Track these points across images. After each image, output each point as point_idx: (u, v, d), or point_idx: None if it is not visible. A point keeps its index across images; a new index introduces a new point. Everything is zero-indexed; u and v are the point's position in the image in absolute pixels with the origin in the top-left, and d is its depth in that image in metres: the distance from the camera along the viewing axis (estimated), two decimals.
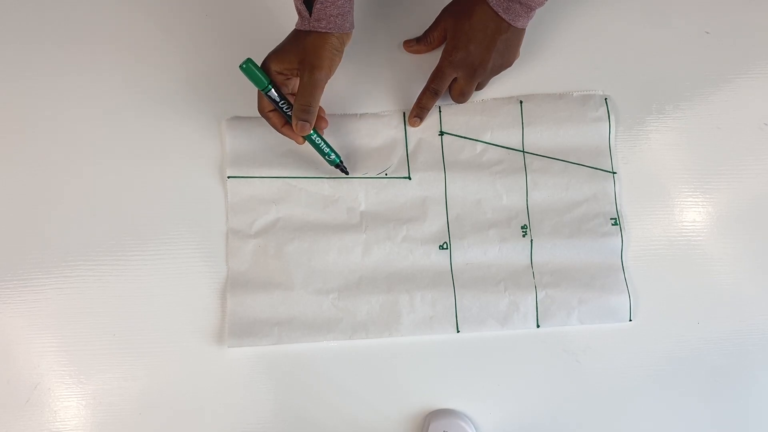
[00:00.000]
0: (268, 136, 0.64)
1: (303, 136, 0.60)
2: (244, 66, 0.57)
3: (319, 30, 0.56)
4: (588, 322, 0.63)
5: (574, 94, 0.67)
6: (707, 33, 0.69)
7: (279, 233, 0.64)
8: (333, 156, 0.62)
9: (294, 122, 0.58)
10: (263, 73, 0.57)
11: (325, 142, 0.62)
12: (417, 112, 0.65)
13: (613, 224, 0.65)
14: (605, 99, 0.67)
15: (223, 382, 0.63)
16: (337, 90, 0.66)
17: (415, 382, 0.63)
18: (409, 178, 0.65)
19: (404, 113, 0.66)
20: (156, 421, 0.62)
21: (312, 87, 0.57)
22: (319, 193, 0.65)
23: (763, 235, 0.66)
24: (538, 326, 0.63)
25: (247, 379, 0.63)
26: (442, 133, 0.66)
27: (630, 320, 0.64)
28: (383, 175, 0.65)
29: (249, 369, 0.63)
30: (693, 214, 0.66)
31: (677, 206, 0.66)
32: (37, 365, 0.63)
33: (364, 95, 0.67)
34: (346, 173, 0.64)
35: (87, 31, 0.68)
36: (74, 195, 0.65)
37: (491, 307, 0.63)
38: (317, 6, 0.55)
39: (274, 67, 0.58)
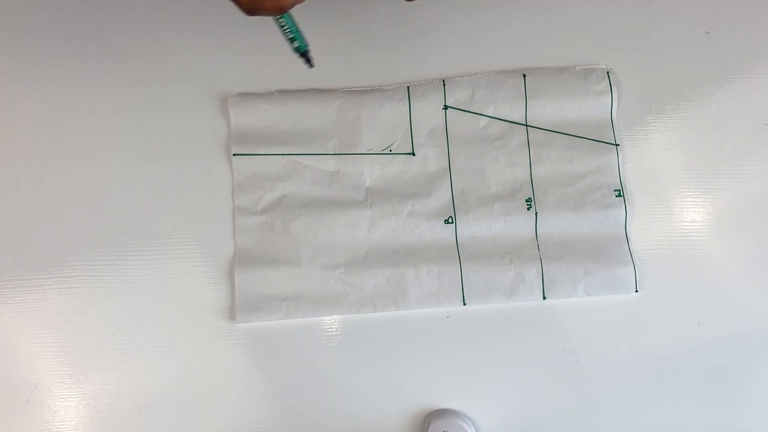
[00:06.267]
0: (272, 112, 0.66)
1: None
2: None
3: None
4: (594, 293, 0.63)
5: (577, 68, 0.67)
6: (707, 33, 0.69)
7: (285, 210, 0.65)
8: (298, 43, 0.56)
9: None
10: None
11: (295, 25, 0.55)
12: None
13: (617, 195, 0.65)
14: (607, 72, 0.67)
15: (222, 380, 0.63)
16: (337, 63, 0.67)
17: (415, 382, 0.63)
18: (413, 154, 0.66)
19: (408, 87, 0.67)
20: (156, 420, 0.62)
21: None
22: (324, 170, 0.65)
23: (763, 235, 0.66)
24: (544, 298, 0.63)
25: (246, 376, 0.63)
26: (446, 107, 0.67)
27: (636, 291, 0.64)
28: (387, 151, 0.66)
29: (249, 365, 0.63)
30: (693, 214, 0.66)
31: (677, 206, 0.66)
32: (37, 365, 0.63)
33: (365, 68, 0.68)
34: (311, 65, 0.57)
35: (80, 26, 0.68)
36: (73, 194, 0.65)
37: (497, 280, 0.63)
38: None
39: None
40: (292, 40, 0.56)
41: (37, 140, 0.66)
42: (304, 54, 0.57)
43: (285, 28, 0.55)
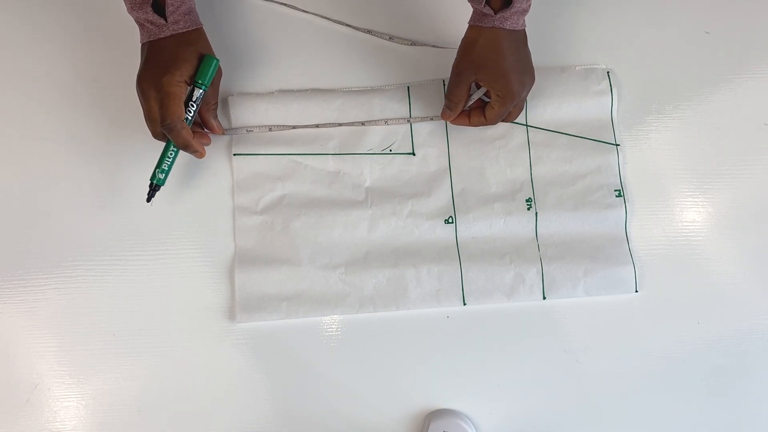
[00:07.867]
0: (272, 112, 0.66)
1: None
2: (217, 60, 0.58)
3: (182, 30, 0.57)
4: (594, 293, 0.64)
5: (577, 68, 0.67)
6: (707, 33, 0.69)
7: (285, 210, 0.65)
8: (164, 176, 0.60)
9: (215, 122, 0.62)
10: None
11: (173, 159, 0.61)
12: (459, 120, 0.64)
13: (617, 196, 0.65)
14: (607, 72, 0.67)
15: (222, 380, 0.63)
16: (340, 64, 0.67)
17: (415, 382, 0.63)
18: (413, 154, 0.66)
19: (408, 87, 0.67)
20: (156, 420, 0.62)
21: (219, 79, 0.60)
22: (324, 170, 0.66)
23: (763, 235, 0.66)
24: (544, 298, 0.63)
25: (246, 376, 0.63)
26: None
27: (636, 291, 0.64)
28: (387, 151, 0.66)
29: (249, 365, 0.63)
30: (693, 214, 0.66)
31: (677, 206, 0.66)
32: (36, 365, 0.63)
33: (368, 68, 0.68)
34: (147, 200, 0.61)
35: (85, 20, 0.68)
36: (73, 194, 0.65)
37: (497, 280, 0.64)
38: (170, 9, 0.56)
39: (184, 76, 0.57)
40: (162, 171, 0.60)
41: (37, 141, 0.66)
42: (156, 187, 0.61)
43: (169, 159, 0.60)
